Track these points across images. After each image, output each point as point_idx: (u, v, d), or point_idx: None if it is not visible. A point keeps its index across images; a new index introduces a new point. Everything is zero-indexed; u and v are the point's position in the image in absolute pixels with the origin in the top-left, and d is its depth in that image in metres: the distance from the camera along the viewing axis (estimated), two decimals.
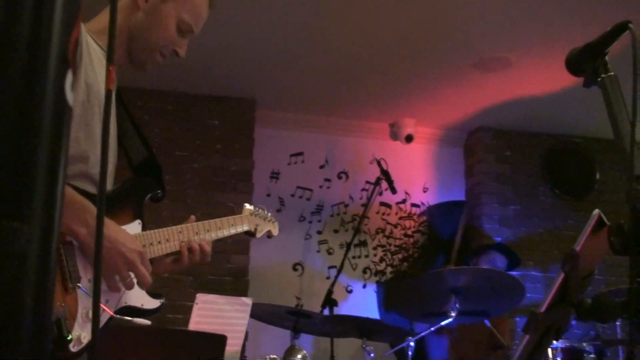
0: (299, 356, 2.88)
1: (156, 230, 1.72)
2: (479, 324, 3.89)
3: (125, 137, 1.76)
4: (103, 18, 1.68)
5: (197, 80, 4.66)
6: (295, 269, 5.11)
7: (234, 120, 4.91)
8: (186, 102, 4.82)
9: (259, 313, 3.62)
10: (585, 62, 1.32)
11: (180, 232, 1.77)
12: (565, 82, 4.30)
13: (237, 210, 4.81)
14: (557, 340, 1.17)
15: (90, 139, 1.55)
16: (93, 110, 1.55)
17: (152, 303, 1.70)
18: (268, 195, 5.12)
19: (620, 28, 1.19)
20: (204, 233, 1.85)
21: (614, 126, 1.20)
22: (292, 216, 5.15)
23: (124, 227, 1.61)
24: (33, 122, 0.41)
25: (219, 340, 2.65)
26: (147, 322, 1.63)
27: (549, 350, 3.15)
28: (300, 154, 5.28)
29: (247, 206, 2.10)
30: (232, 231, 1.99)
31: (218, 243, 4.87)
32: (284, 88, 4.81)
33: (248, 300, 2.95)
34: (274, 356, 2.86)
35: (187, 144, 4.76)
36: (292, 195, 5.19)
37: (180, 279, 4.47)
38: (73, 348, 1.40)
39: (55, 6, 0.42)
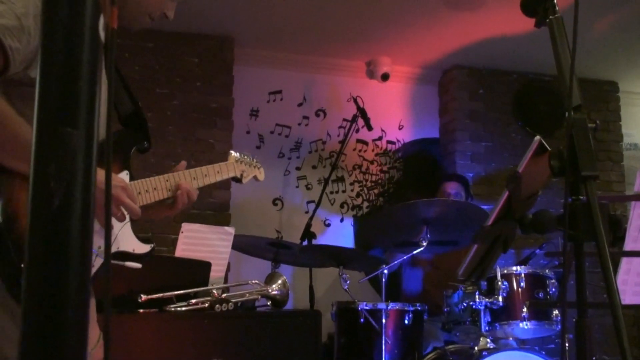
0: (280, 281, 3.06)
1: (144, 180, 1.79)
2: (451, 256, 4.11)
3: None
4: None
5: (176, 18, 4.65)
6: (275, 204, 5.27)
7: (213, 58, 4.97)
8: (166, 40, 4.85)
9: (240, 244, 3.77)
10: (537, 4, 1.45)
11: (167, 180, 1.84)
12: None
13: (217, 146, 4.96)
14: (504, 251, 1.33)
15: None
16: None
17: (142, 248, 1.78)
18: (248, 132, 5.24)
19: None
20: (191, 181, 1.92)
21: (557, 61, 1.35)
22: (272, 153, 5.28)
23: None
24: (77, 54, 0.54)
25: (205, 266, 2.83)
26: (138, 265, 1.73)
27: (514, 276, 3.38)
28: (279, 91, 5.37)
29: (233, 153, 2.17)
30: (218, 178, 2.08)
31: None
32: (262, 26, 4.86)
33: (230, 229, 3.11)
34: (256, 281, 3.04)
35: (168, 81, 4.82)
36: (272, 133, 5.31)
37: None
38: None
39: None
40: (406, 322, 3.37)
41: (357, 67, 5.52)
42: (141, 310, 2.47)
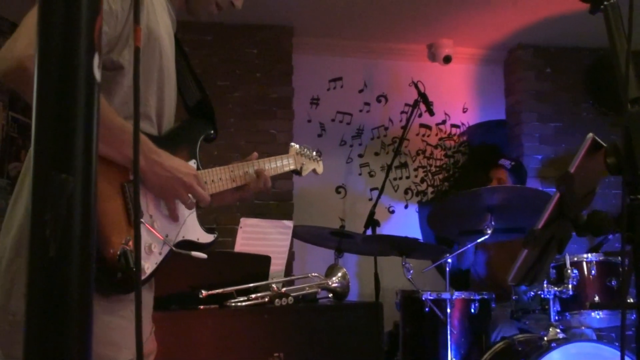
0: (340, 274, 3.04)
1: (210, 170, 1.79)
2: (515, 240, 3.99)
3: (181, 81, 1.83)
4: None
5: (234, 10, 4.70)
6: (338, 192, 5.26)
7: (272, 48, 4.98)
8: (225, 32, 4.90)
9: (303, 234, 3.79)
10: None
11: (232, 171, 1.85)
12: None
13: (278, 137, 4.99)
14: (560, 252, 1.26)
15: (148, 82, 1.61)
16: (153, 54, 1.60)
17: (206, 237, 1.78)
18: (309, 121, 5.23)
19: None
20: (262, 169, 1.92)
21: (613, 51, 1.27)
22: (333, 141, 5.27)
23: None
24: (71, 96, 0.53)
25: (265, 261, 2.84)
26: (203, 255, 1.71)
27: (584, 263, 3.25)
28: (339, 79, 5.33)
29: (294, 145, 2.15)
30: (279, 170, 2.05)
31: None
32: (321, 13, 4.82)
33: (289, 223, 3.11)
34: (316, 274, 3.03)
35: (228, 73, 4.87)
36: (333, 120, 5.28)
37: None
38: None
39: (82, 5, 0.54)
40: (472, 311, 3.31)
41: (418, 51, 5.42)
42: (202, 307, 2.50)
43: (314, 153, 2.24)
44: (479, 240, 3.42)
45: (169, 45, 1.67)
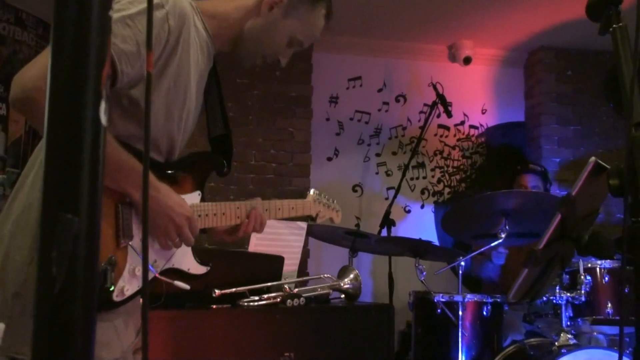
0: (352, 275, 3.07)
1: (214, 203, 1.76)
2: (529, 245, 3.98)
3: (210, 109, 1.84)
4: (218, 3, 1.74)
5: None
6: (354, 190, 5.28)
7: None
8: None
9: (319, 233, 3.82)
10: (602, 10, 1.38)
11: (237, 207, 1.80)
12: None
13: (297, 135, 5.01)
14: (563, 269, 1.29)
15: (168, 119, 1.63)
16: (177, 95, 1.62)
17: (198, 269, 1.74)
18: (327, 119, 5.25)
19: None
20: (262, 212, 1.86)
21: (620, 75, 1.28)
22: (351, 139, 5.29)
23: (183, 196, 1.67)
24: (78, 140, 0.57)
25: (278, 261, 2.88)
26: (186, 286, 1.66)
27: (598, 269, 3.25)
28: (359, 78, 5.35)
29: (312, 193, 2.10)
30: (292, 214, 2.00)
31: (280, 166, 5.03)
32: (341, 12, 4.79)
33: (303, 224, 3.13)
34: (328, 275, 3.06)
35: (247, 71, 4.89)
36: (351, 119, 5.30)
37: None
38: (116, 298, 1.49)
39: (90, 56, 0.57)
40: (484, 313, 3.32)
41: (438, 51, 5.41)
42: (214, 306, 2.54)
43: (334, 202, 2.18)
44: (492, 245, 3.43)
45: (194, 89, 1.68)
